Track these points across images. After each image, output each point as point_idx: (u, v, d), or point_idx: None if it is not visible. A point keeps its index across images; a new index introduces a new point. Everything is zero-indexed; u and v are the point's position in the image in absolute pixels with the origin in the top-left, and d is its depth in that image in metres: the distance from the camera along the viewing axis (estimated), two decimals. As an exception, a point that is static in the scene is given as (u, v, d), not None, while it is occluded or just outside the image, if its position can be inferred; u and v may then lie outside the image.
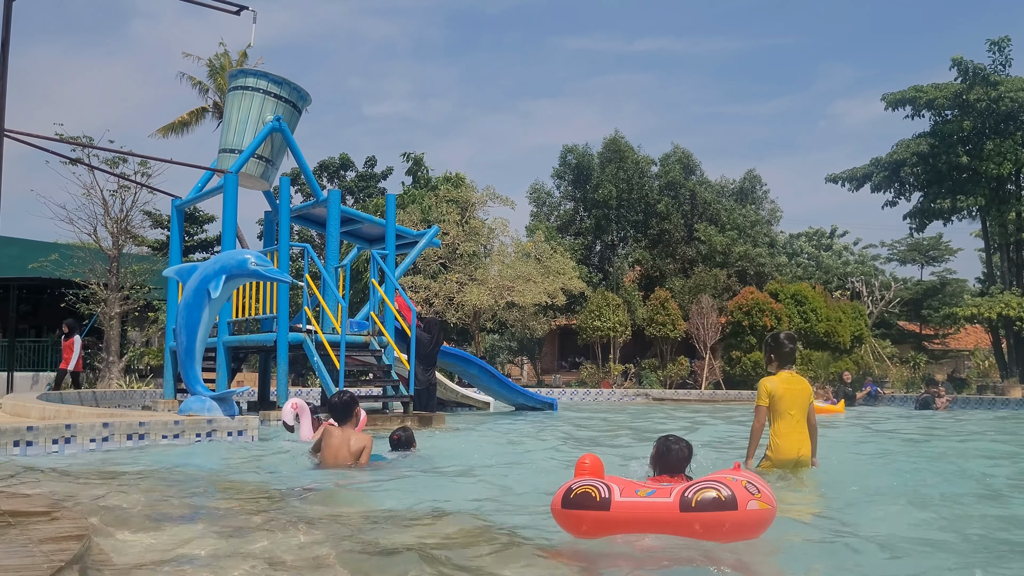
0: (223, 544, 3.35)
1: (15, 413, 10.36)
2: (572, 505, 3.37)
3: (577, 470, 3.79)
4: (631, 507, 3.33)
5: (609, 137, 33.77)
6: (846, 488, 5.49)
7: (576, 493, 3.39)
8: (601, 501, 3.34)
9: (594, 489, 3.39)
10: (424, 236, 15.65)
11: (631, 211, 33.12)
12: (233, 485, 5.44)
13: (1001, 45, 27.68)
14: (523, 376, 33.87)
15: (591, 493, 3.37)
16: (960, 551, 3.67)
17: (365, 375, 16.38)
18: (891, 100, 29.40)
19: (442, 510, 4.37)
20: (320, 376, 11.77)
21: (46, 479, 5.36)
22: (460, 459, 7.28)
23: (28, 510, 3.39)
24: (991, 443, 9.84)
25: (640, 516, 3.34)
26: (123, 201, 18.70)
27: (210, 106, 31.87)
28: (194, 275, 10.20)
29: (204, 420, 8.11)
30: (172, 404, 12.74)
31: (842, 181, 32.08)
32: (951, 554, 3.59)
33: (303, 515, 4.15)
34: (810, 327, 27.40)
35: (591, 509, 3.34)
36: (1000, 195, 28.47)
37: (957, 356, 36.35)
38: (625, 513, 3.33)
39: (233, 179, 12.75)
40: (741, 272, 31.74)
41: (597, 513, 3.34)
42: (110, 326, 18.79)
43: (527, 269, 25.39)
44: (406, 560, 3.20)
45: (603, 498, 3.35)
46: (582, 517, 3.38)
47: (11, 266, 21.08)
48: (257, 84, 13.27)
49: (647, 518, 3.34)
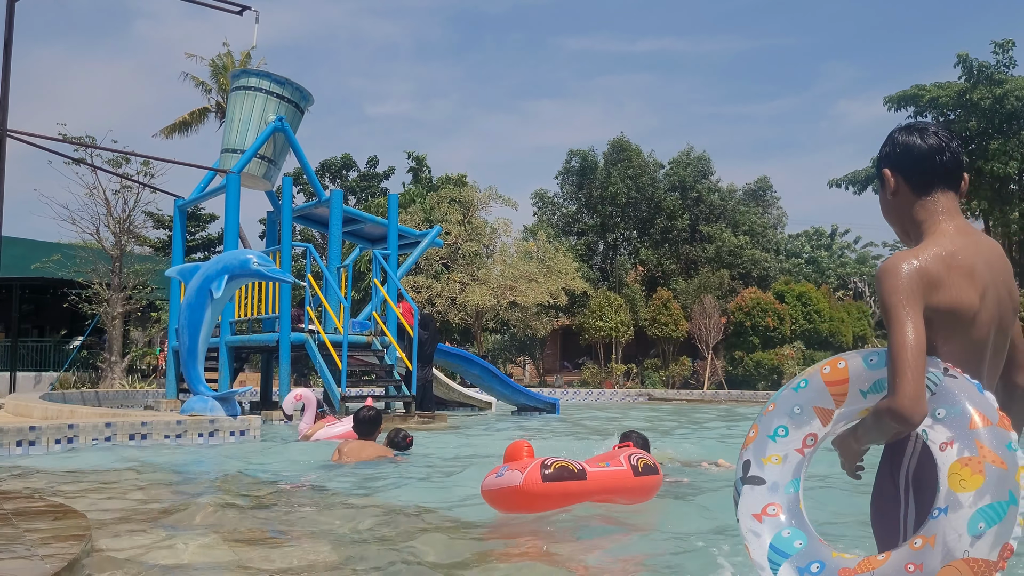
0: (224, 544, 3.35)
1: (18, 413, 10.38)
2: (553, 479, 3.67)
3: (514, 455, 3.94)
4: (601, 476, 3.82)
5: (615, 138, 33.77)
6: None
7: (555, 468, 3.69)
8: (579, 472, 3.75)
9: (569, 463, 3.76)
10: (426, 236, 15.65)
11: (636, 209, 33.07)
12: (235, 485, 5.44)
13: (1005, 47, 27.62)
14: (525, 376, 33.87)
15: (568, 467, 3.73)
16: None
17: (367, 375, 16.38)
18: (893, 99, 29.37)
19: (442, 510, 4.37)
20: (322, 376, 11.78)
21: (48, 479, 5.37)
22: (460, 459, 7.28)
23: (30, 510, 3.40)
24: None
25: (607, 483, 3.86)
26: (126, 201, 18.76)
27: (212, 106, 31.91)
28: (196, 275, 10.22)
29: (206, 420, 8.11)
30: (174, 404, 12.76)
31: (845, 184, 32.03)
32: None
33: (304, 515, 4.15)
34: (813, 327, 27.39)
35: (572, 480, 3.71)
36: (1003, 195, 28.43)
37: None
38: (597, 481, 3.82)
39: (236, 179, 12.75)
40: (745, 274, 31.72)
41: (578, 483, 3.74)
42: (112, 326, 18.82)
43: (529, 269, 25.39)
44: (406, 560, 3.20)
45: (579, 469, 3.75)
46: (566, 488, 3.71)
47: (14, 266, 21.10)
48: (260, 84, 13.27)
49: (612, 485, 3.88)
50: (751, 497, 2.08)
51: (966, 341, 1.95)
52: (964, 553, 1.73)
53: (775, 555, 2.00)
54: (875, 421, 1.88)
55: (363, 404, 7.62)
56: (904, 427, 1.81)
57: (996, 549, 1.72)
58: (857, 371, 2.00)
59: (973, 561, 1.72)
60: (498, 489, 3.84)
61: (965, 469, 1.79)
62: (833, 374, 2.03)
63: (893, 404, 1.79)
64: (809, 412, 2.06)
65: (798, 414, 2.08)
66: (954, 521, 1.76)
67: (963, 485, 1.78)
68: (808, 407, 2.06)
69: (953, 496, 1.78)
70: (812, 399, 2.06)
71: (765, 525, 2.04)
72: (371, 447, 6.50)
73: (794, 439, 2.08)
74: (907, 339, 1.80)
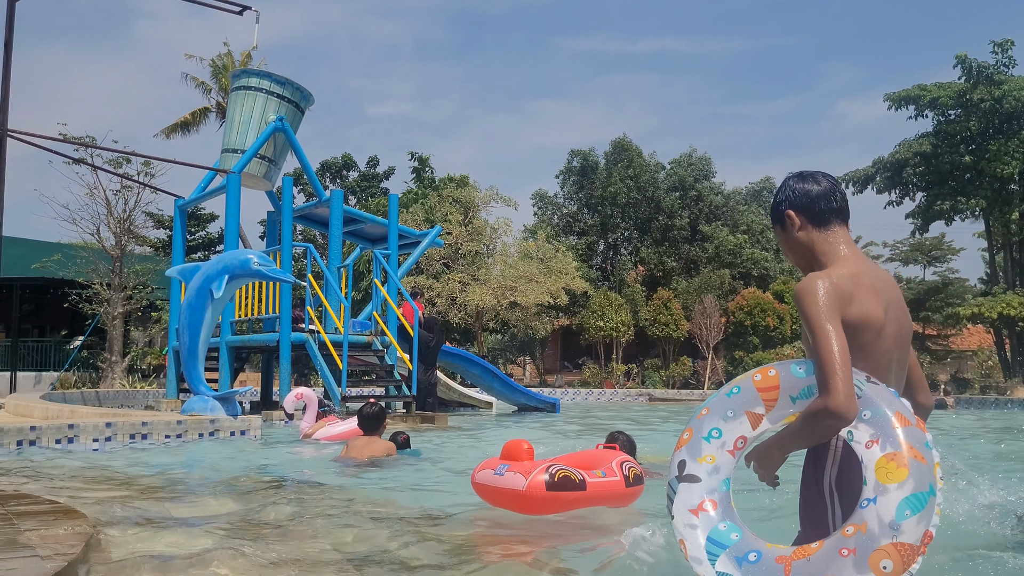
0: (225, 544, 3.35)
1: (18, 413, 10.38)
2: (556, 488, 3.83)
3: (515, 454, 3.98)
4: (598, 486, 3.97)
5: (616, 139, 33.77)
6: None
7: (559, 477, 3.84)
8: (580, 483, 3.89)
9: (572, 473, 3.89)
10: (427, 236, 15.65)
11: (637, 209, 33.06)
12: (235, 484, 5.45)
13: (1004, 47, 27.60)
14: (525, 376, 33.87)
15: (571, 476, 3.88)
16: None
17: (367, 375, 16.39)
18: (894, 99, 29.33)
19: (442, 509, 4.38)
20: (323, 376, 11.78)
21: (49, 479, 5.37)
22: (461, 459, 7.28)
23: (31, 510, 3.40)
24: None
25: (602, 493, 4.00)
26: (126, 201, 18.75)
27: (213, 106, 31.92)
28: (197, 275, 10.23)
29: (207, 420, 8.12)
30: (175, 404, 12.76)
31: (845, 184, 32.02)
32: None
33: (305, 515, 4.16)
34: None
35: (573, 490, 3.86)
36: (1003, 195, 28.40)
37: (960, 356, 36.25)
38: (594, 491, 3.95)
39: (236, 179, 12.76)
40: (745, 274, 31.71)
41: (578, 493, 3.88)
42: (113, 326, 18.82)
43: (530, 269, 25.39)
44: (407, 558, 3.21)
45: (580, 480, 3.90)
46: (566, 497, 3.86)
47: (14, 266, 21.10)
48: (260, 84, 13.27)
49: (605, 494, 4.01)
50: (687, 494, 2.24)
51: (875, 352, 2.18)
52: (892, 538, 1.91)
53: (713, 547, 2.16)
54: (805, 423, 2.07)
55: (366, 401, 7.67)
56: (839, 423, 2.00)
57: (920, 535, 1.91)
58: (787, 379, 2.22)
59: (900, 545, 1.91)
60: (496, 488, 3.91)
61: (891, 463, 1.99)
62: (764, 381, 2.24)
63: (829, 403, 1.99)
64: (741, 416, 2.25)
65: (731, 417, 2.26)
66: (883, 509, 1.95)
67: (890, 477, 1.97)
68: (740, 411, 2.25)
69: (881, 487, 1.97)
70: (744, 404, 2.25)
71: (701, 520, 2.21)
72: (377, 443, 6.56)
73: (727, 440, 2.26)
74: (834, 346, 2.03)
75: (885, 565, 1.90)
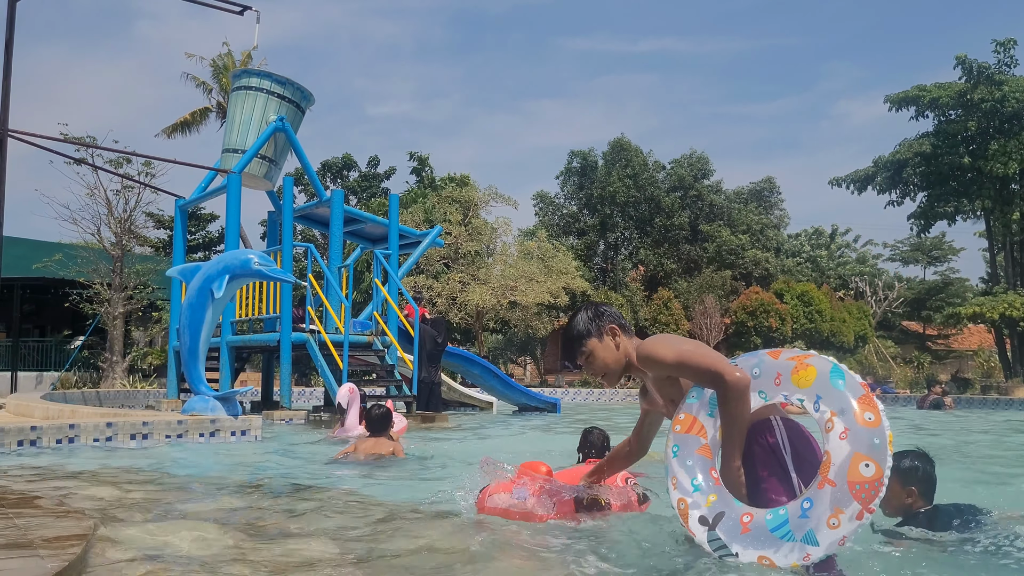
0: (225, 545, 3.35)
1: (19, 413, 10.38)
2: (585, 509, 3.96)
3: (532, 472, 4.00)
4: (619, 508, 4.10)
5: (615, 139, 33.77)
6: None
7: (588, 500, 3.99)
8: (606, 505, 4.05)
9: (601, 498, 4.04)
10: (427, 236, 15.65)
11: (636, 208, 33.05)
12: (235, 485, 5.44)
13: (1007, 46, 27.59)
14: (526, 376, 33.87)
15: (600, 501, 4.03)
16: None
17: (368, 375, 16.39)
18: (894, 99, 29.33)
19: (446, 510, 4.37)
20: (323, 376, 11.78)
21: (49, 479, 5.37)
22: (461, 459, 7.28)
23: (31, 510, 3.40)
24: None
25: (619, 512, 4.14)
26: (127, 201, 18.77)
27: (214, 106, 31.93)
28: (198, 275, 10.23)
29: (207, 420, 8.12)
30: (175, 404, 12.76)
31: (845, 184, 31.98)
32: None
33: (305, 515, 4.16)
34: (815, 327, 27.37)
35: (600, 511, 3.99)
36: (1004, 195, 28.40)
37: (961, 356, 36.27)
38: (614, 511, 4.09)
39: (236, 179, 12.76)
40: (746, 274, 31.69)
41: (603, 514, 3.99)
42: (113, 326, 18.82)
43: (530, 269, 25.39)
44: (405, 558, 3.20)
45: (607, 502, 4.05)
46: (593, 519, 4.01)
47: (15, 266, 21.11)
48: (260, 84, 13.27)
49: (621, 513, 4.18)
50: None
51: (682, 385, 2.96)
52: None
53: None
54: (726, 415, 2.65)
55: (375, 403, 7.69)
56: (742, 387, 2.60)
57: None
58: (692, 408, 2.81)
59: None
60: (521, 512, 3.87)
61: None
62: (684, 424, 2.84)
63: (724, 383, 2.61)
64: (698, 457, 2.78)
65: (690, 465, 2.80)
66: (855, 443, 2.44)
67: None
68: (695, 454, 2.78)
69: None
70: (692, 447, 2.79)
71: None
72: (384, 443, 6.62)
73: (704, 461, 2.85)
74: (696, 357, 2.73)
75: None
